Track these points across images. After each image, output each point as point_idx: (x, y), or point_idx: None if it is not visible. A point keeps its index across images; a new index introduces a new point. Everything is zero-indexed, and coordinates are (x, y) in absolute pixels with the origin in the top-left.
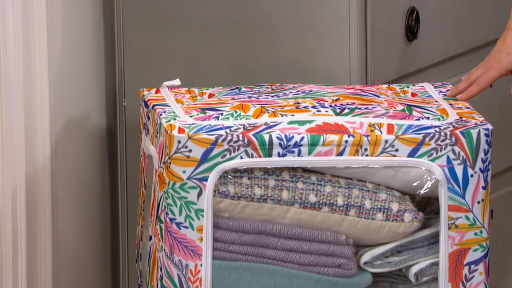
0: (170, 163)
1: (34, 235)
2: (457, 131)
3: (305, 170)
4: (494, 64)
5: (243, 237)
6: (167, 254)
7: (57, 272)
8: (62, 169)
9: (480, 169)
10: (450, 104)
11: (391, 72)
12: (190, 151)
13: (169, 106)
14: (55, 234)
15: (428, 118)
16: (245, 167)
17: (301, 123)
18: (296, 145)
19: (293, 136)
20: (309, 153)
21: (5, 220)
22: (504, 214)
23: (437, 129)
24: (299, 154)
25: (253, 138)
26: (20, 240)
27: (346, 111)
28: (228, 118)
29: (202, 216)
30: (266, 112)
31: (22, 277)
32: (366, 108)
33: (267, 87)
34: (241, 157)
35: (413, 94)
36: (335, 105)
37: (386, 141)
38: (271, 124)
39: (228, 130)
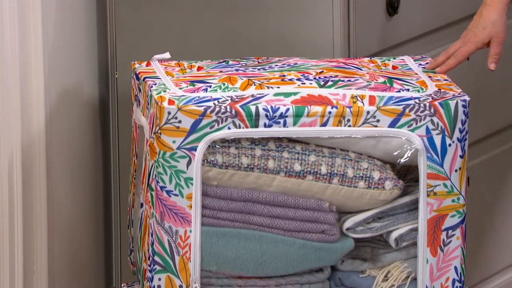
0: (160, 134)
1: (29, 201)
2: (436, 103)
3: (290, 140)
4: (471, 38)
5: (230, 205)
6: (157, 220)
7: (52, 237)
8: (57, 138)
9: (457, 138)
10: (429, 77)
11: (373, 45)
12: (179, 122)
13: (160, 78)
14: (50, 200)
15: (408, 90)
16: (232, 137)
17: (287, 95)
18: (282, 116)
19: (278, 108)
20: (294, 124)
21: (1, 187)
22: (480, 182)
23: (416, 100)
24: (284, 124)
25: (240, 110)
26: (16, 206)
27: (330, 83)
28: (216, 90)
29: (191, 184)
30: (253, 84)
31: (18, 242)
32: (349, 81)
33: (253, 61)
34: (229, 128)
35: (394, 67)
36: (319, 77)
37: (368, 112)
38: (258, 96)
39: (216, 102)
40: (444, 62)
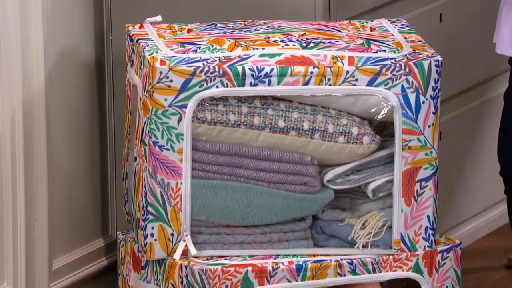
0: (153, 92)
1: (30, 155)
2: (411, 63)
3: (275, 98)
4: None
5: (219, 158)
6: (150, 173)
7: (51, 189)
8: (56, 96)
9: (430, 96)
10: (405, 38)
11: (352, 9)
12: (171, 81)
13: (152, 40)
14: (49, 155)
15: (385, 51)
16: (220, 96)
17: (271, 55)
18: (267, 75)
19: (263, 68)
20: (278, 83)
21: (4, 142)
22: (451, 136)
23: (392, 60)
24: (269, 83)
25: (228, 69)
26: (18, 160)
27: (312, 44)
28: (205, 51)
29: (182, 139)
30: (240, 46)
31: (20, 193)
32: (330, 42)
33: (240, 23)
34: (217, 87)
35: (372, 29)
36: (302, 39)
37: (347, 72)
38: (244, 56)
39: (205, 62)
40: None
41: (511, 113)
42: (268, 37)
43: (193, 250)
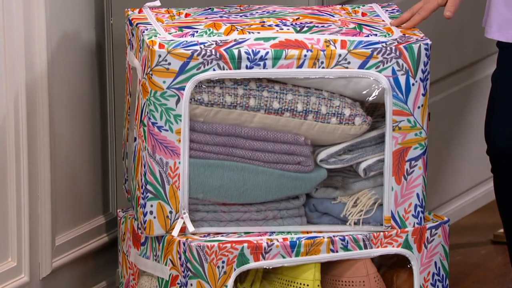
0: (152, 74)
1: (33, 134)
2: (401, 46)
3: (270, 80)
4: None
5: (215, 139)
6: (149, 153)
7: (54, 167)
8: (58, 78)
9: (420, 78)
10: None
11: None
12: (169, 64)
13: (151, 24)
14: (52, 134)
15: (376, 35)
16: (217, 78)
17: (266, 39)
18: (262, 58)
19: (259, 51)
20: (273, 66)
21: (8, 123)
22: (439, 117)
23: (383, 44)
24: (264, 66)
25: (224, 53)
26: (21, 140)
27: (305, 29)
28: (202, 35)
29: (180, 120)
30: (236, 30)
31: (24, 171)
32: (323, 26)
33: (236, 8)
34: (214, 69)
35: (363, 14)
36: (296, 23)
37: (340, 55)
38: (240, 40)
39: (202, 46)
40: (410, 19)
41: (498, 94)
42: (263, 22)
43: (190, 227)
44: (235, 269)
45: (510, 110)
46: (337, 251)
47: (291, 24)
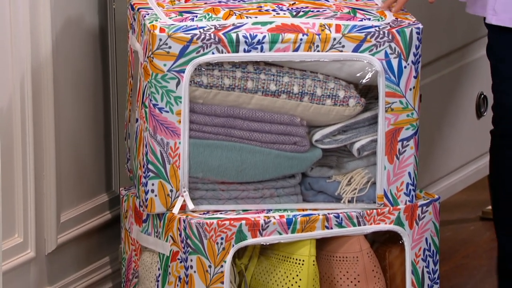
0: (153, 58)
1: (39, 116)
2: (394, 30)
3: (267, 63)
4: None
5: (214, 120)
6: (151, 133)
7: (59, 147)
8: (62, 61)
9: (412, 61)
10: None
11: None
12: (169, 47)
13: (152, 9)
14: (56, 115)
15: (369, 19)
16: (216, 61)
17: (263, 23)
18: (259, 42)
19: (256, 35)
20: (270, 49)
21: (14, 104)
22: (431, 98)
23: (376, 28)
24: (261, 50)
25: (223, 37)
26: (27, 121)
27: (301, 13)
28: (201, 20)
29: (180, 102)
30: (234, 14)
31: (29, 151)
32: (318, 11)
33: None
34: (213, 53)
35: None
36: (292, 8)
37: (335, 39)
38: (238, 24)
39: (201, 30)
40: (396, 1)
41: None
42: (261, 6)
43: (190, 205)
44: (233, 245)
45: None
46: (331, 228)
47: (288, 9)
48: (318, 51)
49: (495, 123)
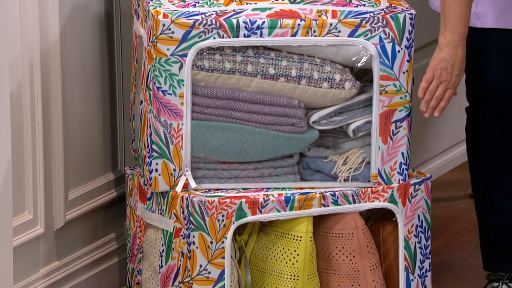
0: (156, 42)
1: (47, 98)
2: (388, 16)
3: (266, 48)
4: (456, 83)
5: (216, 102)
6: (155, 115)
7: (67, 128)
8: (70, 46)
9: (405, 46)
10: None
11: None
12: (172, 32)
13: None
14: (64, 98)
15: (364, 5)
16: (217, 46)
17: (263, 9)
18: (259, 27)
19: (256, 21)
20: (269, 34)
21: (24, 87)
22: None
23: (371, 14)
24: (261, 35)
25: (224, 22)
26: (36, 103)
27: (298, 0)
28: (203, 6)
29: (183, 85)
30: (234, 1)
31: (38, 133)
32: None
33: None
34: (214, 38)
35: None
36: None
37: (331, 24)
38: (238, 10)
39: (203, 16)
40: (437, 107)
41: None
42: None
43: (193, 184)
44: (234, 222)
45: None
46: (328, 206)
47: None
48: (315, 36)
49: (470, 98)
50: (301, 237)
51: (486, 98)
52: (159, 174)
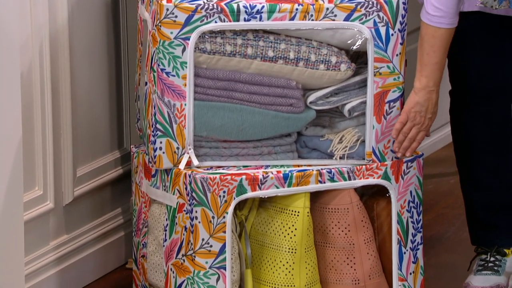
0: (160, 26)
1: (56, 79)
2: (382, 0)
3: (265, 31)
4: (428, 125)
5: (217, 83)
6: (159, 96)
7: (75, 108)
8: (77, 29)
9: (398, 29)
10: None
11: None
12: (176, 16)
13: None
14: (73, 79)
15: None
16: (218, 29)
17: None
18: (258, 12)
19: (255, 5)
20: (268, 18)
21: (34, 68)
22: (415, 63)
23: None
24: (260, 19)
25: (225, 7)
26: (46, 83)
27: None
28: None
29: (186, 67)
30: None
31: (48, 112)
32: None
33: None
34: (216, 22)
35: None
36: None
37: (327, 9)
38: None
39: (205, 0)
40: (408, 147)
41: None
42: None
43: (195, 161)
44: (234, 198)
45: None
46: (324, 182)
47: None
48: (312, 20)
49: (452, 81)
50: (298, 212)
51: (468, 81)
52: (163, 152)
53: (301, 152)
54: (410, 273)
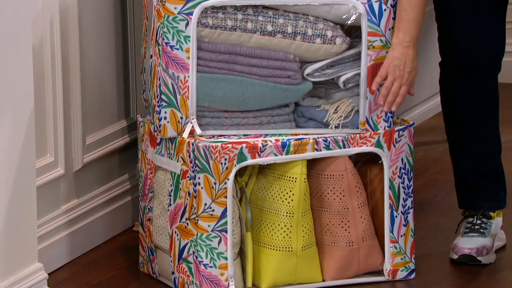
0: (165, 1)
1: (66, 52)
2: None
3: (264, 6)
4: (408, 78)
5: (219, 56)
6: (163, 68)
7: (84, 79)
8: (86, 4)
9: (391, 4)
10: None
11: None
12: None
13: None
14: (82, 51)
15: None
16: (220, 5)
17: None
18: None
19: None
20: None
21: (45, 42)
22: None
23: None
24: None
25: None
26: (56, 56)
27: None
28: None
29: (189, 40)
30: None
31: (58, 83)
32: None
33: None
34: None
35: None
36: None
37: None
38: None
39: None
40: (393, 102)
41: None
42: None
43: (198, 130)
44: (235, 165)
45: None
46: (320, 150)
47: None
48: None
49: (442, 53)
50: (296, 178)
51: (456, 52)
52: (168, 122)
53: (298, 121)
54: (401, 236)
